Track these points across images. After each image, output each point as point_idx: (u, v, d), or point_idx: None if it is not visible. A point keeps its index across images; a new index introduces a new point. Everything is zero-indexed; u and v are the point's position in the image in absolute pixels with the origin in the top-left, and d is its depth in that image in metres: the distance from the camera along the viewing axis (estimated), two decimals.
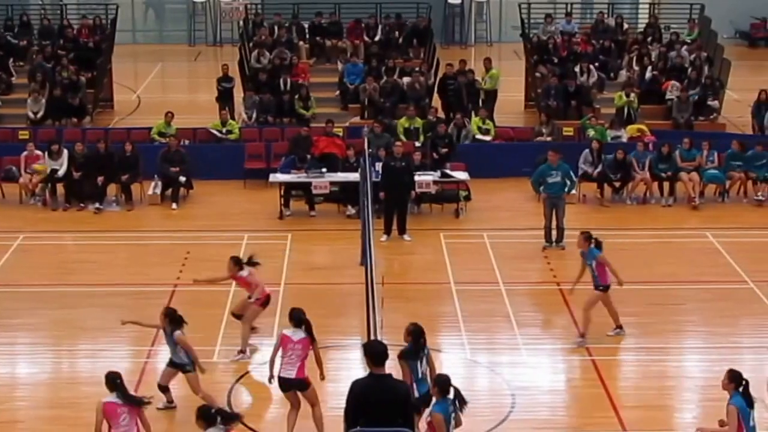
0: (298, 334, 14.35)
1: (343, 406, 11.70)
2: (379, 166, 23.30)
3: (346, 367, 16.83)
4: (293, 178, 24.32)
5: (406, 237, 22.36)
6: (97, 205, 24.54)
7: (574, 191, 23.64)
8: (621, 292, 18.98)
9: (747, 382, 12.84)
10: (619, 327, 17.79)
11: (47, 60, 31.48)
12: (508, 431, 14.98)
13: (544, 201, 22.22)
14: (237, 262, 17.13)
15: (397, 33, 33.46)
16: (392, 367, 12.08)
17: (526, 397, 15.97)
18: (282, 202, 24.12)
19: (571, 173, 22.49)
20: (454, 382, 16.57)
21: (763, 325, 18.61)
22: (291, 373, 14.31)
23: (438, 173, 24.32)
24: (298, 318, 14.47)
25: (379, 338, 12.22)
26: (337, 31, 33.82)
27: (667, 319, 18.70)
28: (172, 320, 14.93)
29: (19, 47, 33.07)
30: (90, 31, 33.58)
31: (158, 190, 25.12)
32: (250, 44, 32.45)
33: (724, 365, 16.97)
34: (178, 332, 14.91)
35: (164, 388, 15.43)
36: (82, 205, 24.65)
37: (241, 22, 36.27)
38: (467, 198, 24.56)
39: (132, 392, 13.45)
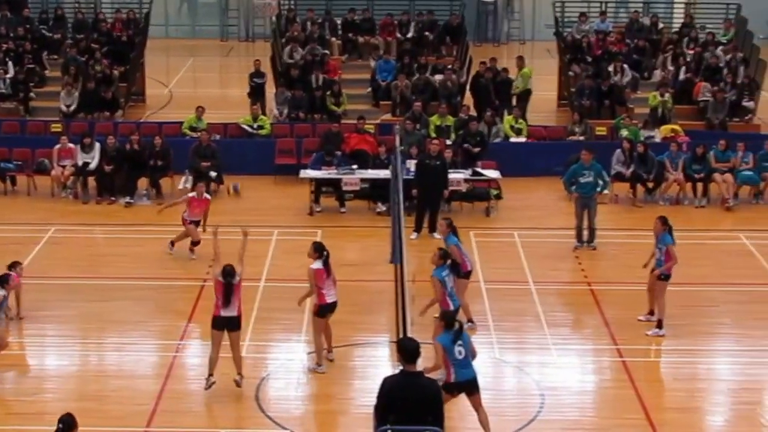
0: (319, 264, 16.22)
1: (373, 402, 11.64)
2: (409, 163, 23.25)
3: (375, 364, 16.80)
4: (324, 175, 24.31)
5: (436, 235, 22.23)
6: (128, 198, 24.62)
7: (607, 191, 23.48)
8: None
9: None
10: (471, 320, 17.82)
11: (81, 53, 31.56)
12: (536, 431, 14.89)
13: (575, 201, 22.09)
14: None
15: (428, 32, 33.28)
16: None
17: (555, 397, 15.86)
18: (312, 198, 24.11)
19: (604, 173, 22.34)
20: (483, 381, 16.59)
21: None
22: (335, 297, 16.29)
23: (469, 171, 24.25)
24: (320, 249, 16.30)
25: (409, 335, 12.13)
26: (370, 28, 33.76)
27: (699, 321, 18.54)
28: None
29: (53, 40, 33.17)
30: (123, 25, 33.66)
31: (189, 185, 25.12)
32: (283, 40, 32.44)
33: (755, 368, 16.98)
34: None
35: None
36: (113, 198, 24.74)
37: (274, 18, 36.29)
38: (498, 197, 24.47)
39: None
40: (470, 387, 13.89)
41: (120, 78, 31.08)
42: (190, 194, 20.91)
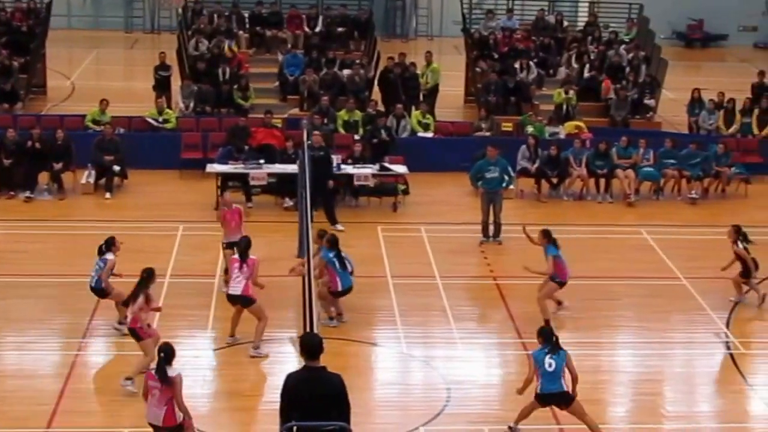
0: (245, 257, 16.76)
1: (279, 399, 11.57)
2: None
3: (281, 360, 16.71)
4: (230, 169, 24.13)
5: (338, 227, 22.19)
6: (27, 193, 24.14)
7: (512, 186, 23.67)
8: None
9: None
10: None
11: None
12: (443, 425, 14.96)
13: (481, 196, 22.22)
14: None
15: (336, 27, 33.27)
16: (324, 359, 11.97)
17: (461, 391, 15.96)
18: (219, 192, 23.89)
19: (509, 169, 22.53)
20: (389, 375, 16.63)
21: (694, 320, 18.78)
22: (237, 290, 16.68)
23: (377, 166, 24.26)
24: (246, 244, 16.95)
25: (315, 331, 12.09)
26: (278, 22, 33.61)
27: (602, 314, 18.80)
28: None
29: None
30: (24, 14, 33.08)
31: (92, 179, 24.81)
32: (189, 32, 32.12)
33: (656, 360, 17.27)
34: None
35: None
36: (12, 193, 24.23)
37: (180, 10, 35.91)
38: (405, 192, 24.53)
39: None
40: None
41: (20, 69, 30.49)
42: (222, 208, 19.33)
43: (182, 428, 13.11)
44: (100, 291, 17.20)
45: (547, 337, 14.41)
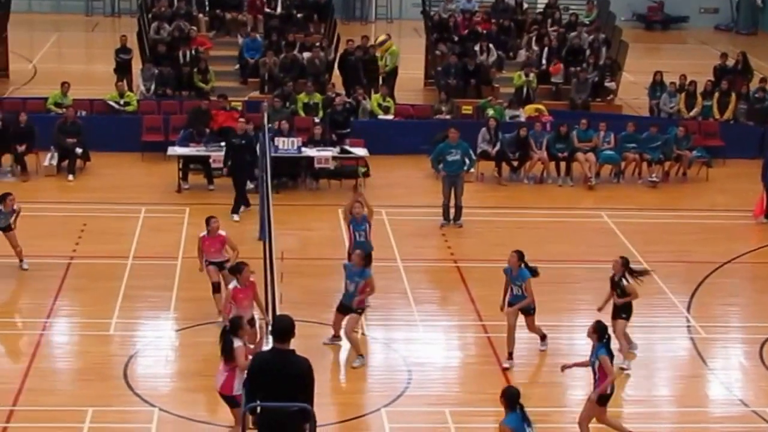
0: None
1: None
2: (278, 141, 23.38)
3: None
4: (191, 152, 24.17)
5: (235, 217, 21.98)
6: None
7: (472, 170, 23.80)
8: None
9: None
10: None
11: None
12: (403, 407, 15.10)
13: (442, 179, 22.34)
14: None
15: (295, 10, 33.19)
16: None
17: (422, 373, 16.12)
18: (180, 175, 23.94)
19: (470, 152, 22.64)
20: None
21: (653, 304, 18.93)
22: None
23: (337, 149, 24.36)
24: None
25: (278, 313, 12.22)
26: (237, 5, 33.50)
27: (561, 298, 18.96)
28: None
29: None
30: None
31: (54, 162, 24.79)
32: (149, 16, 32.00)
33: (614, 344, 17.36)
34: None
35: None
36: None
37: None
38: (366, 174, 24.64)
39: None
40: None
41: None
42: (202, 234, 17.58)
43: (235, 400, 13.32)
44: None
45: (512, 401, 12.27)
